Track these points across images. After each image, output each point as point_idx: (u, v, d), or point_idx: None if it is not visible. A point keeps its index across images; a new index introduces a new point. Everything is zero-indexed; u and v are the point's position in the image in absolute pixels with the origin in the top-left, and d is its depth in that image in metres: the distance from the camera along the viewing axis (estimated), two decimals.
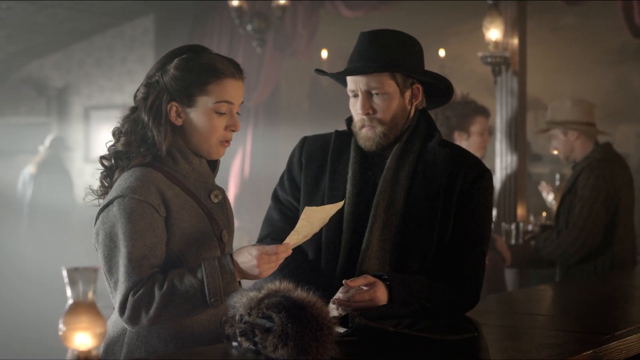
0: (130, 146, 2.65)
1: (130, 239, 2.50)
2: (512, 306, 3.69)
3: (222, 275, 2.50)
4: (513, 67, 6.56)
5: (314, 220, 2.63)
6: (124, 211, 2.52)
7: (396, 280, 2.79)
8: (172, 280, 2.49)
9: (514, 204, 6.51)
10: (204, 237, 2.65)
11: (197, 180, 2.70)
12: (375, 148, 2.97)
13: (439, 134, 3.03)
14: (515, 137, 6.59)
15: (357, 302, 2.70)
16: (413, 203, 2.94)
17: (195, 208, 2.65)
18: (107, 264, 2.54)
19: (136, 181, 2.56)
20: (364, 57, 2.95)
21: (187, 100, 2.64)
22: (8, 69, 11.80)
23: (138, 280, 2.48)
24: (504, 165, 6.60)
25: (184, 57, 2.66)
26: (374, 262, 2.91)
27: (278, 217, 3.12)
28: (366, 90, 2.94)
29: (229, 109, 2.67)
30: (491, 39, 6.44)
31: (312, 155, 3.11)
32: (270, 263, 2.53)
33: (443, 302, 2.85)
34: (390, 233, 2.92)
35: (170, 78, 2.64)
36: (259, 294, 2.24)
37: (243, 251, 2.54)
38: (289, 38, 9.12)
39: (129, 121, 2.68)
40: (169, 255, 2.59)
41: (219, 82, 2.64)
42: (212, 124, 2.65)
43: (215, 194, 2.73)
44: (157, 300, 2.46)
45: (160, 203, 2.57)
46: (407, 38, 2.99)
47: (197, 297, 2.49)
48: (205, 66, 2.64)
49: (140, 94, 2.69)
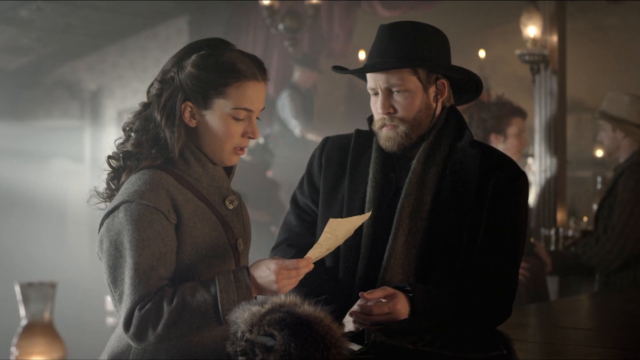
0: (141, 146, 2.46)
1: (137, 248, 2.31)
2: (549, 319, 3.51)
3: (237, 290, 2.31)
4: (552, 66, 6.33)
5: (339, 233, 2.43)
6: (130, 218, 2.33)
7: (419, 292, 2.59)
8: (182, 294, 2.30)
9: (553, 209, 6.31)
10: (218, 246, 2.46)
11: (210, 184, 2.52)
12: (397, 149, 2.78)
13: (469, 133, 2.83)
14: (555, 139, 6.34)
15: (375, 315, 2.51)
16: (441, 207, 2.74)
17: (208, 215, 2.46)
18: (111, 275, 2.35)
19: (145, 185, 2.37)
20: (383, 53, 2.77)
21: (202, 101, 2.45)
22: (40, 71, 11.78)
23: (145, 293, 2.30)
24: (543, 169, 6.40)
25: (203, 54, 2.46)
26: (397, 272, 2.71)
27: (296, 222, 2.95)
28: (386, 87, 2.75)
29: (248, 115, 2.49)
30: (529, 35, 6.24)
31: (332, 157, 2.94)
32: (290, 279, 2.33)
33: (471, 316, 2.65)
34: (415, 240, 2.72)
35: (187, 76, 2.45)
36: (261, 309, 2.03)
37: (261, 265, 2.34)
38: (325, 39, 8.98)
39: (140, 118, 2.50)
40: (179, 265, 2.40)
41: (239, 84, 2.44)
42: (228, 130, 2.46)
43: (230, 199, 2.55)
44: (165, 316, 2.27)
45: (170, 209, 2.38)
46: (430, 29, 2.79)
47: (210, 314, 2.30)
48: (224, 65, 2.44)
49: (154, 90, 2.50)
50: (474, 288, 2.67)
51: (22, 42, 10.71)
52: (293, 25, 7.90)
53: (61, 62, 11.62)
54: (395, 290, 2.56)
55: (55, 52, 11.23)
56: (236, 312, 2.09)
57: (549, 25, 6.39)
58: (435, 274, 2.70)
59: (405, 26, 2.78)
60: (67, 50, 11.22)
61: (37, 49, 10.99)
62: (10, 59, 11.40)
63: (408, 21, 2.79)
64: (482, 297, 2.67)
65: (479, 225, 2.71)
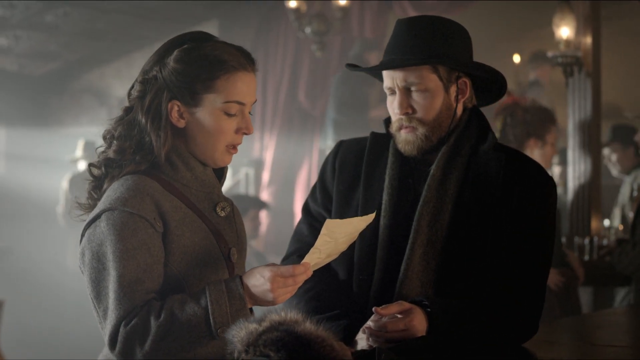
0: (124, 153, 2.30)
1: (121, 260, 2.15)
2: (580, 335, 3.35)
3: (230, 301, 2.14)
4: (586, 68, 6.12)
5: (339, 236, 2.23)
6: (113, 227, 2.18)
7: (438, 307, 2.42)
8: (171, 307, 2.14)
9: (587, 217, 6.12)
10: (209, 256, 2.29)
11: (199, 190, 2.36)
12: (417, 152, 2.61)
13: (492, 136, 2.66)
14: (589, 143, 6.13)
15: (390, 332, 2.34)
16: (462, 216, 2.57)
17: (197, 223, 2.30)
18: (94, 290, 2.20)
19: (128, 191, 2.21)
20: (400, 49, 2.60)
21: (190, 98, 2.29)
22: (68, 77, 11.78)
23: (131, 308, 2.14)
24: (576, 175, 6.19)
25: (185, 48, 2.30)
26: (415, 285, 2.54)
27: (307, 231, 2.80)
28: (404, 86, 2.59)
29: (240, 109, 2.32)
30: (562, 37, 6.03)
31: (346, 161, 2.78)
32: (286, 287, 2.15)
33: (494, 332, 2.48)
34: (434, 251, 2.55)
35: (170, 73, 2.28)
36: (258, 327, 1.86)
37: (254, 273, 2.17)
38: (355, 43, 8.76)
39: (122, 124, 2.33)
40: (167, 278, 2.24)
41: (227, 76, 2.28)
42: (220, 126, 2.30)
43: (222, 206, 2.39)
44: (153, 331, 2.11)
45: (156, 216, 2.22)
46: (451, 24, 2.62)
47: (201, 328, 2.13)
48: (210, 58, 2.29)
49: (136, 92, 2.33)
50: (497, 302, 2.50)
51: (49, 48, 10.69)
52: (320, 28, 7.73)
53: (89, 68, 11.62)
54: (412, 305, 2.40)
55: (82, 57, 11.23)
56: (233, 330, 1.93)
57: (583, 27, 6.20)
58: (455, 288, 2.53)
59: (425, 20, 2.62)
60: (94, 56, 11.22)
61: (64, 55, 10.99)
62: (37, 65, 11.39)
63: (427, 15, 2.63)
64: (506, 312, 2.50)
65: (504, 235, 2.53)
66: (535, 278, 2.55)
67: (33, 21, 9.61)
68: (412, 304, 2.40)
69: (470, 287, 2.51)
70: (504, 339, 2.49)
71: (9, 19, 9.56)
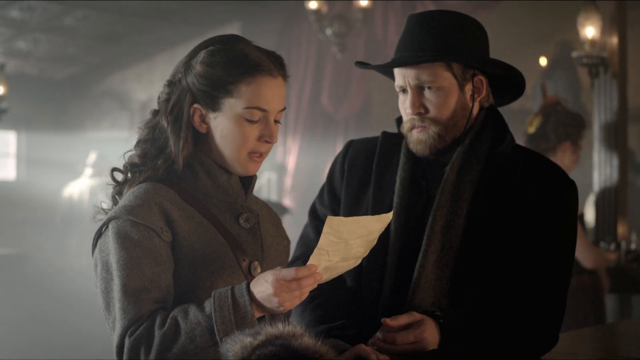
0: (146, 157, 2.23)
1: (124, 269, 2.06)
2: (605, 346, 3.21)
3: (234, 308, 2.01)
4: (612, 69, 5.97)
5: (347, 236, 2.02)
6: (117, 235, 2.10)
7: (451, 318, 2.29)
8: (175, 316, 2.03)
9: (613, 221, 5.98)
10: (222, 269, 2.18)
11: (221, 200, 2.26)
12: (429, 153, 2.48)
13: (510, 137, 2.52)
14: (616, 146, 5.98)
15: (399, 345, 2.20)
16: (478, 221, 2.43)
17: (212, 233, 2.19)
18: (104, 301, 2.12)
19: (135, 199, 2.13)
20: (412, 45, 2.48)
21: (211, 102, 2.19)
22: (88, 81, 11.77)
23: (136, 317, 2.05)
24: (602, 178, 6.04)
25: (211, 49, 2.20)
26: (428, 294, 2.41)
27: (313, 235, 2.69)
28: (416, 84, 2.46)
29: (264, 116, 2.19)
30: (587, 37, 5.89)
31: (355, 162, 2.67)
32: (291, 291, 1.98)
33: (511, 345, 2.34)
34: (448, 258, 2.42)
35: (194, 75, 2.19)
36: (253, 341, 1.73)
37: (259, 278, 2.03)
38: (379, 45, 8.69)
39: (148, 127, 2.26)
40: (177, 289, 2.14)
41: (250, 80, 2.16)
42: (241, 133, 2.18)
43: (245, 217, 2.27)
44: (157, 341, 2.01)
45: (163, 225, 2.12)
46: (465, 19, 2.50)
47: (205, 337, 2.01)
48: (234, 60, 2.17)
49: (163, 95, 2.26)
50: (514, 312, 2.36)
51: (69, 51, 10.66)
52: (341, 30, 7.64)
53: (109, 71, 11.60)
54: (424, 315, 2.26)
55: (102, 61, 11.20)
56: (227, 344, 1.82)
57: (609, 27, 6.06)
58: (471, 296, 2.39)
59: (438, 15, 2.50)
60: (115, 59, 11.20)
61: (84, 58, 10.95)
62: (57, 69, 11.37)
63: (441, 10, 2.51)
64: (524, 322, 2.36)
65: (522, 240, 2.40)
66: (555, 286, 2.41)
67: (52, 24, 9.57)
68: (424, 314, 2.27)
69: (486, 296, 2.38)
70: (521, 352, 2.35)
71: (27, 22, 9.54)
